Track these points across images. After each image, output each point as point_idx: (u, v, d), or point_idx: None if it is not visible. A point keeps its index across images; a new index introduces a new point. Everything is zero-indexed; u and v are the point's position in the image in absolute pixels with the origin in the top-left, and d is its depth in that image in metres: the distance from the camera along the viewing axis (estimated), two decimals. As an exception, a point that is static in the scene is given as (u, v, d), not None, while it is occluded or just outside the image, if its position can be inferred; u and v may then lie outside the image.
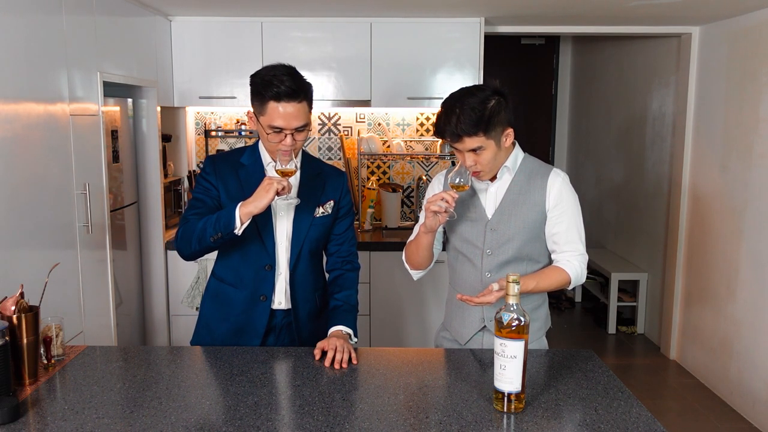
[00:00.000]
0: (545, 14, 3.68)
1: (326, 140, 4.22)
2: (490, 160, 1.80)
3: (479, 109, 1.73)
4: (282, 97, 1.75)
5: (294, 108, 1.77)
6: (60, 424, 1.41)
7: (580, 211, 1.90)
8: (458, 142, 1.77)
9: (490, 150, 1.78)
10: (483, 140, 1.76)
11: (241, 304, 1.95)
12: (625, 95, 5.13)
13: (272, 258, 1.93)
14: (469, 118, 1.72)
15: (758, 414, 3.43)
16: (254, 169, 1.93)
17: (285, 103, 1.76)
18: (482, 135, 1.75)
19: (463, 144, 1.77)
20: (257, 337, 1.96)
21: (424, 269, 2.02)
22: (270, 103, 1.76)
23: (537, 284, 1.81)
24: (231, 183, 1.91)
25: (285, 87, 1.75)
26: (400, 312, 3.72)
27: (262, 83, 1.77)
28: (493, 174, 1.87)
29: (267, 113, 1.78)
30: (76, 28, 2.61)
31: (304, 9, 3.53)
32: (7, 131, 2.14)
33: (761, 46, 3.42)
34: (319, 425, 1.41)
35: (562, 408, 1.53)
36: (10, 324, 1.55)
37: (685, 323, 4.25)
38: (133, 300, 3.47)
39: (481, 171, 1.82)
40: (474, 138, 1.75)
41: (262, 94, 1.77)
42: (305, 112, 1.81)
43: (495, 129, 1.77)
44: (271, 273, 1.94)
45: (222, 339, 1.98)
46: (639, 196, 4.93)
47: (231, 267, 1.97)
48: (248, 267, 1.94)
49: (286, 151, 1.80)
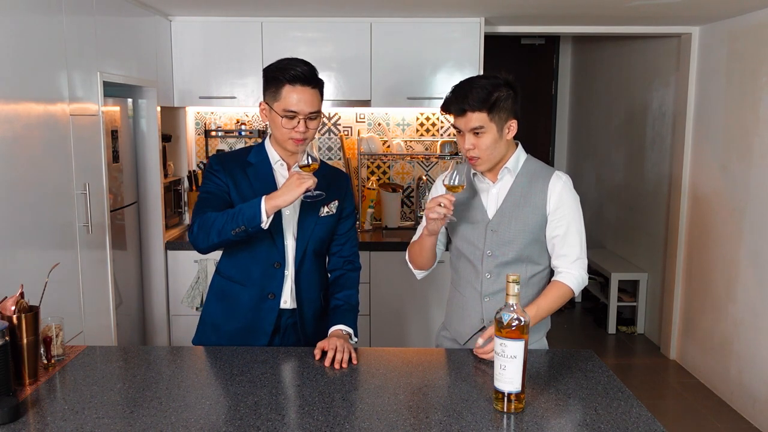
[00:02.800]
0: (545, 14, 3.68)
1: (326, 140, 4.22)
2: (489, 145, 1.80)
3: (488, 89, 1.76)
4: (297, 81, 1.80)
5: (309, 93, 1.82)
6: (60, 424, 1.41)
7: (582, 214, 1.90)
8: (462, 116, 1.79)
9: (490, 134, 1.79)
10: (486, 120, 1.77)
11: (248, 302, 1.95)
12: (625, 95, 5.13)
13: (282, 255, 1.92)
14: (477, 95, 1.76)
15: (758, 414, 3.43)
16: (262, 167, 1.94)
17: (300, 87, 1.80)
18: (486, 113, 1.77)
19: (467, 120, 1.78)
20: (265, 336, 1.95)
21: (427, 269, 2.03)
22: (285, 87, 1.80)
23: (537, 310, 1.82)
24: (240, 180, 1.91)
25: (301, 71, 1.80)
26: (400, 312, 3.72)
27: (277, 69, 1.83)
28: (490, 164, 1.85)
29: (282, 98, 1.81)
30: (76, 28, 2.61)
31: (304, 9, 3.53)
32: (7, 131, 2.14)
33: (761, 46, 3.42)
34: (319, 425, 1.41)
35: (562, 408, 1.53)
36: (10, 324, 1.55)
37: (685, 323, 4.25)
38: (133, 300, 3.47)
39: (479, 158, 1.82)
40: (478, 114, 1.76)
41: (278, 78, 1.81)
42: (318, 100, 1.85)
43: (499, 113, 1.78)
44: (280, 271, 1.93)
45: (229, 338, 1.97)
46: (639, 196, 4.93)
47: (239, 265, 1.97)
48: (257, 264, 1.93)
49: (298, 139, 1.83)
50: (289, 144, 1.86)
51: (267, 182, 1.91)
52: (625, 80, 5.13)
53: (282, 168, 1.94)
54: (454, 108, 1.80)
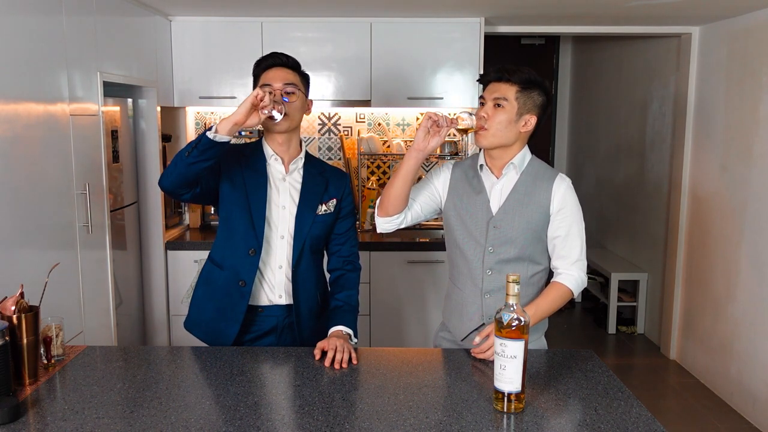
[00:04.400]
0: (545, 14, 3.68)
1: (326, 140, 4.22)
2: (502, 121, 1.82)
3: (532, 76, 1.83)
4: (273, 65, 1.92)
5: (282, 70, 1.92)
6: (60, 424, 1.41)
7: (582, 217, 1.91)
8: (496, 82, 1.84)
9: (509, 112, 1.82)
10: (513, 95, 1.82)
11: (223, 286, 1.98)
12: (625, 95, 5.13)
13: (258, 243, 1.93)
14: (518, 71, 1.82)
15: (758, 414, 3.43)
16: (256, 159, 1.96)
17: (276, 68, 1.92)
18: (516, 89, 1.82)
19: (497, 88, 1.83)
20: (236, 323, 1.95)
21: (392, 214, 1.90)
22: (264, 73, 1.92)
23: (537, 311, 1.83)
24: (232, 165, 1.94)
25: (275, 57, 1.93)
26: (400, 312, 3.72)
27: (260, 60, 1.95)
28: (492, 142, 1.85)
29: (261, 80, 1.92)
30: (76, 28, 2.61)
31: (304, 9, 3.53)
32: (7, 131, 2.14)
33: (761, 46, 3.42)
34: (319, 425, 1.41)
35: (562, 408, 1.53)
36: (10, 324, 1.55)
37: (685, 323, 4.25)
38: (133, 300, 3.47)
39: (487, 129, 1.83)
40: (509, 86, 1.82)
41: (259, 66, 1.94)
42: (295, 78, 1.93)
43: (526, 99, 1.83)
44: (255, 258, 1.93)
45: (207, 319, 2.02)
46: (639, 196, 4.93)
47: (219, 247, 2.02)
48: (233, 249, 1.96)
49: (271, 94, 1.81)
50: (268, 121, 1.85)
51: (258, 172, 1.94)
52: (625, 80, 5.13)
53: (276, 162, 1.96)
54: (493, 73, 1.85)
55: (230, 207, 1.94)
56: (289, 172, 1.97)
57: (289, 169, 1.97)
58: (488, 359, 1.75)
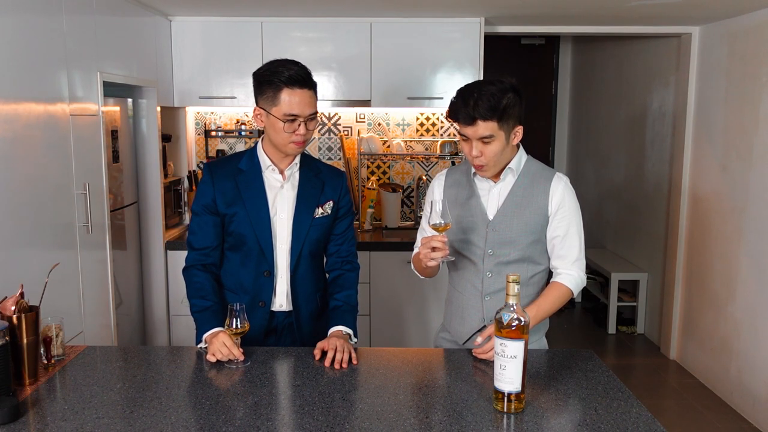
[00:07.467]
0: (545, 14, 3.68)
1: (326, 140, 4.22)
2: (496, 152, 1.79)
3: (497, 96, 1.74)
4: (295, 83, 1.79)
5: (307, 95, 1.82)
6: (60, 424, 1.41)
7: (581, 216, 1.91)
8: (471, 125, 1.76)
9: (499, 142, 1.78)
10: (495, 128, 1.76)
11: None
12: (625, 95, 5.13)
13: (270, 264, 1.94)
14: (487, 103, 1.73)
15: (758, 414, 3.43)
16: (252, 175, 1.94)
17: (299, 90, 1.80)
18: (496, 122, 1.75)
19: (476, 129, 1.76)
20: (256, 342, 1.96)
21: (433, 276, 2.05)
22: (284, 90, 1.79)
23: (537, 311, 1.83)
24: (228, 189, 1.92)
25: (296, 72, 1.80)
26: (400, 312, 3.72)
27: (270, 72, 1.81)
28: (496, 171, 1.86)
29: (281, 102, 1.80)
30: (76, 28, 2.61)
31: (304, 9, 3.53)
32: (7, 131, 2.14)
33: (761, 46, 3.42)
34: (319, 425, 1.41)
35: (562, 408, 1.53)
36: (10, 324, 1.55)
37: (685, 323, 4.25)
38: (133, 300, 3.47)
39: (485, 165, 1.81)
40: (488, 123, 1.75)
41: (274, 82, 1.79)
42: (315, 100, 1.86)
43: (508, 121, 1.77)
44: (270, 279, 1.95)
45: None
46: (639, 196, 4.93)
47: (231, 273, 1.99)
48: (248, 273, 1.95)
49: (299, 142, 1.83)
50: (290, 148, 1.86)
51: (256, 190, 1.92)
52: (625, 80, 5.12)
53: (273, 173, 1.93)
54: (462, 116, 1.77)
55: (238, 237, 1.93)
56: (286, 179, 1.95)
57: (285, 177, 1.95)
58: (490, 359, 1.75)
